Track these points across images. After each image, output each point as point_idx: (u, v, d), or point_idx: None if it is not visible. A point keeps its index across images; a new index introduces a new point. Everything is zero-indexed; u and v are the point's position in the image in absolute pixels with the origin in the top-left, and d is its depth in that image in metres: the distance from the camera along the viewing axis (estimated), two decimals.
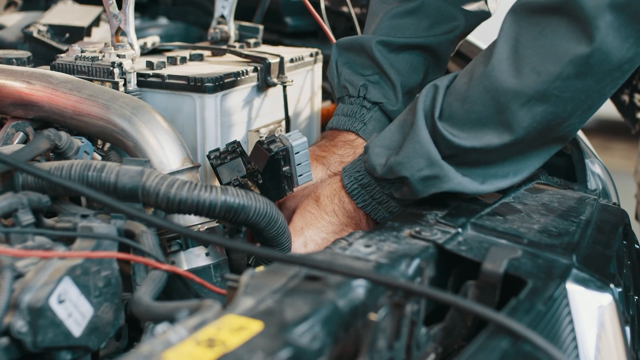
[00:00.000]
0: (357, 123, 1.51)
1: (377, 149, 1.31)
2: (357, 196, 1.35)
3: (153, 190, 1.11)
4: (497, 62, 1.19)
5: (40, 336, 0.95)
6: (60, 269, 0.98)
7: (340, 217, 1.36)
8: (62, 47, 1.70)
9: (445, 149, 1.24)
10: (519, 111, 1.18)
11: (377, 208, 1.34)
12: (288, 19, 2.23)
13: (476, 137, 1.21)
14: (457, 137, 1.22)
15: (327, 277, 0.94)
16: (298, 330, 0.83)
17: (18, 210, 1.05)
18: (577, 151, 1.60)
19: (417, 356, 0.97)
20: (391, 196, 1.32)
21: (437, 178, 1.24)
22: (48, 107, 1.31)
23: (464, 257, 1.11)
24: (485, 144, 1.21)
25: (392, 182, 1.31)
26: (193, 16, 2.34)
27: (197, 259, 1.24)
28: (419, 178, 1.24)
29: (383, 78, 1.53)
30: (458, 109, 1.23)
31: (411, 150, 1.25)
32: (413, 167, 1.24)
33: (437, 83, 1.27)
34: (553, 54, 1.15)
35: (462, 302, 0.87)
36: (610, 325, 1.08)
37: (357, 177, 1.35)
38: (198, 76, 1.42)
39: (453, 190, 1.24)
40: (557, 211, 1.28)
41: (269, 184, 1.33)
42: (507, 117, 1.19)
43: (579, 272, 1.09)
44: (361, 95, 1.53)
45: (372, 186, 1.33)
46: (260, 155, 1.32)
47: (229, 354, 0.76)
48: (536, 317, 0.95)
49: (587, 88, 1.16)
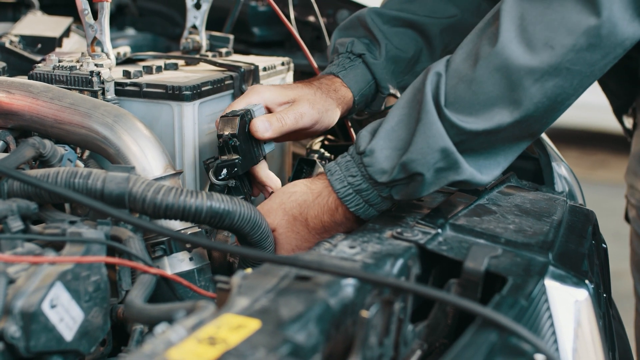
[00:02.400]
0: (338, 68, 1.61)
1: (385, 152, 1.26)
2: (351, 202, 1.31)
3: (140, 196, 1.12)
4: (506, 41, 1.20)
5: (33, 341, 0.96)
6: (52, 274, 0.99)
7: (331, 231, 1.33)
8: (34, 57, 1.70)
9: (454, 137, 1.22)
10: (531, 87, 1.20)
11: (368, 209, 1.31)
12: (255, 29, 2.25)
13: (486, 118, 1.21)
14: (467, 122, 1.22)
15: (316, 277, 0.97)
16: (294, 328, 0.85)
17: (7, 217, 1.06)
18: (544, 154, 1.64)
19: (405, 353, 1.00)
20: (388, 198, 1.29)
21: (451, 169, 1.22)
22: (29, 116, 1.31)
23: (444, 257, 1.14)
24: (497, 124, 1.21)
25: (397, 183, 1.27)
26: (160, 26, 2.36)
27: (181, 263, 1.25)
28: (434, 171, 1.22)
29: (370, 38, 1.65)
30: (464, 92, 1.23)
31: (424, 145, 1.22)
32: (429, 162, 1.22)
33: (438, 69, 1.26)
34: (565, 27, 1.18)
35: (453, 299, 0.91)
36: (586, 319, 1.12)
37: (351, 183, 1.30)
38: (176, 84, 1.43)
39: (465, 180, 1.24)
40: (530, 212, 1.33)
41: (244, 147, 1.41)
42: (519, 94, 1.20)
43: (555, 269, 1.13)
44: (348, 50, 1.63)
45: (369, 191, 1.29)
46: (229, 121, 1.40)
47: (232, 350, 0.78)
48: (519, 311, 0.99)
49: (594, 62, 1.20)
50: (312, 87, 1.54)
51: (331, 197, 1.32)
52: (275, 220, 1.34)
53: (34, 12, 2.03)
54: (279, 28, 2.27)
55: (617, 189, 2.09)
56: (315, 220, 1.34)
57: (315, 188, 1.35)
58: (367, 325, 0.90)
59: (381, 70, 1.63)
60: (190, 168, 1.46)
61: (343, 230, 1.34)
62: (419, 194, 1.25)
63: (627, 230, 2.02)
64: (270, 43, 2.28)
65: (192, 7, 1.77)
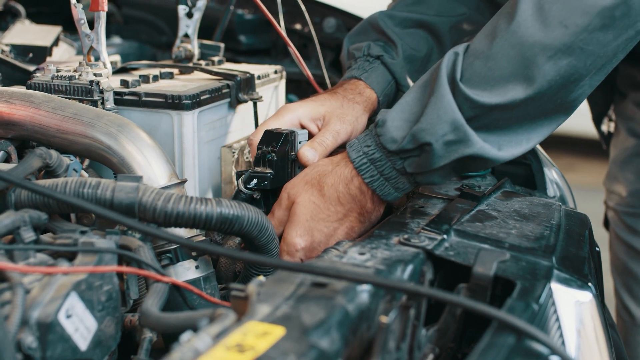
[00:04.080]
0: (359, 71, 1.64)
1: (396, 122, 1.32)
2: (365, 171, 1.35)
3: (150, 205, 1.13)
4: (522, 19, 1.24)
5: (49, 351, 0.96)
6: (67, 285, 0.99)
7: (345, 204, 1.37)
8: (27, 67, 1.69)
9: (467, 110, 1.26)
10: (545, 64, 1.23)
11: (384, 184, 1.34)
12: (242, 37, 2.27)
13: (500, 93, 1.25)
14: (480, 96, 1.25)
15: (333, 284, 0.98)
16: (317, 334, 0.87)
17: (20, 228, 1.06)
18: (535, 160, 1.67)
19: (418, 356, 1.02)
20: (402, 172, 1.33)
21: (461, 142, 1.26)
22: (30, 126, 1.31)
23: (449, 262, 1.16)
24: (510, 99, 1.25)
25: (408, 154, 1.31)
26: (145, 34, 2.36)
27: (187, 272, 1.26)
28: (443, 143, 1.26)
29: (384, 40, 1.70)
30: (480, 68, 1.27)
31: (434, 116, 1.26)
32: (437, 133, 1.26)
33: (456, 50, 1.31)
34: (580, 7, 1.22)
35: (472, 304, 0.92)
36: (591, 321, 1.14)
37: (366, 152, 1.35)
38: (175, 93, 1.44)
39: (475, 154, 1.26)
40: (529, 217, 1.35)
41: (279, 164, 1.43)
42: (532, 70, 1.24)
43: (560, 272, 1.15)
44: (365, 53, 1.67)
45: (383, 161, 1.33)
46: (273, 137, 1.44)
47: (262, 356, 0.79)
48: (531, 315, 1.01)
49: (607, 42, 1.23)
50: (337, 97, 1.57)
51: (348, 167, 1.37)
52: (295, 190, 1.39)
53: (22, 21, 2.02)
54: (266, 36, 2.29)
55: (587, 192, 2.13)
56: (330, 189, 1.37)
57: (336, 159, 1.41)
58: (387, 330, 0.91)
59: (400, 70, 1.67)
60: (189, 177, 1.46)
61: (356, 209, 1.37)
62: (431, 166, 1.28)
63: (601, 233, 2.05)
64: (256, 51, 2.30)
65: (184, 16, 1.78)
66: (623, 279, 2.12)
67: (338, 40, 2.19)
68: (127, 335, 1.21)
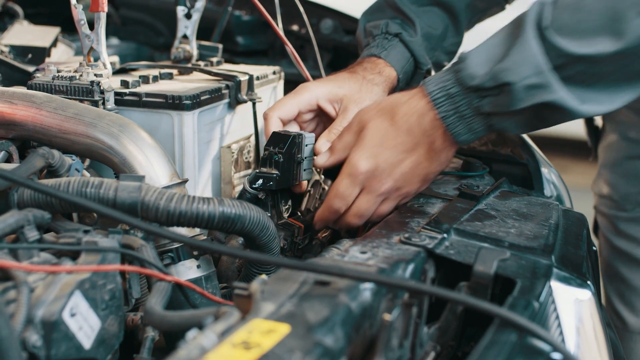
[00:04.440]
0: (379, 49, 1.64)
1: (478, 59, 1.29)
2: (441, 105, 1.32)
3: (152, 204, 1.13)
4: None
5: (54, 349, 0.96)
6: (71, 283, 1.00)
7: (415, 137, 1.35)
8: (26, 67, 1.70)
9: (554, 58, 1.24)
10: (635, 19, 1.20)
11: (457, 121, 1.33)
12: (239, 38, 2.28)
13: (588, 44, 1.22)
14: (569, 45, 1.23)
15: (335, 282, 0.99)
16: (322, 332, 0.87)
17: (24, 227, 1.06)
18: (532, 160, 1.68)
19: (420, 354, 1.03)
20: (478, 111, 1.31)
21: (542, 87, 1.24)
22: (32, 126, 1.32)
23: (448, 261, 1.17)
24: (598, 51, 1.22)
25: (487, 93, 1.28)
26: (143, 36, 2.37)
27: (189, 271, 1.26)
28: (524, 86, 1.24)
29: (401, 18, 1.70)
30: (569, 19, 1.24)
31: (519, 57, 1.24)
32: (520, 74, 1.23)
33: (543, 1, 1.27)
34: None
35: (476, 302, 0.93)
36: (590, 319, 1.16)
37: (443, 86, 1.32)
38: (176, 94, 1.45)
39: (555, 102, 1.25)
40: (528, 216, 1.36)
41: (285, 166, 1.44)
42: (621, 25, 1.21)
43: (559, 271, 1.16)
44: (383, 31, 1.67)
45: (460, 97, 1.31)
46: (280, 138, 1.45)
47: (269, 353, 0.80)
48: (532, 313, 1.02)
49: None
50: (357, 78, 1.57)
51: (424, 99, 1.35)
52: (368, 116, 1.39)
53: (21, 21, 2.02)
54: (263, 37, 2.31)
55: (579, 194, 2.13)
56: (402, 118, 1.35)
57: (411, 92, 1.39)
58: (390, 327, 0.92)
59: (418, 47, 1.68)
60: (190, 176, 1.47)
61: (425, 144, 1.35)
62: (508, 107, 1.27)
63: None
64: (253, 52, 2.31)
65: (183, 17, 1.79)
66: (614, 285, 2.09)
67: (335, 41, 2.20)
68: (129, 335, 1.21)
